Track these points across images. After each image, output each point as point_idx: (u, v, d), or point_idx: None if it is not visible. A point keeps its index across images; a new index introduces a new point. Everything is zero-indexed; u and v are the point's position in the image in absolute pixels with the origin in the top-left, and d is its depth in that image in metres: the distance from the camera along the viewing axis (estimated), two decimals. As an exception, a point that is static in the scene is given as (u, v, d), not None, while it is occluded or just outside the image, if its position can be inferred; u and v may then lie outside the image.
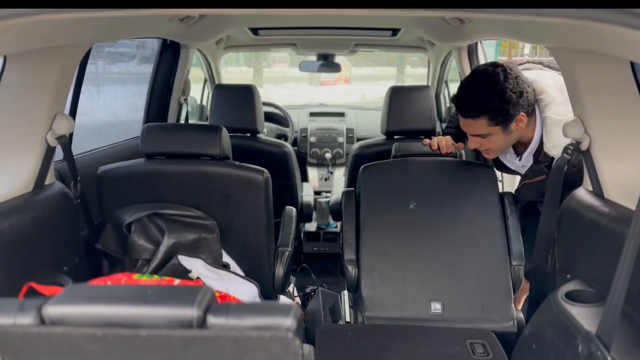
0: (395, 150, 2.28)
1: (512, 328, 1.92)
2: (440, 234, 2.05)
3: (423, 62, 6.05)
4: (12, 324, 0.80)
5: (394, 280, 2.00)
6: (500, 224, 2.06)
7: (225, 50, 3.73)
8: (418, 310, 1.96)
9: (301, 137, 4.05)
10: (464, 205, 2.09)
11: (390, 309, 1.97)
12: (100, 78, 2.91)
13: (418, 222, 2.07)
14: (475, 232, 2.05)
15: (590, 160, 1.54)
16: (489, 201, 2.09)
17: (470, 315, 1.94)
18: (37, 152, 1.56)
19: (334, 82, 7.68)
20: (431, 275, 2.00)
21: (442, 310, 1.95)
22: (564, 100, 1.79)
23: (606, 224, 1.38)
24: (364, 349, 1.77)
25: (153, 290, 0.86)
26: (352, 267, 2.04)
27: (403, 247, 2.04)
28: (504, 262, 2.00)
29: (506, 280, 1.97)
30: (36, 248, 1.51)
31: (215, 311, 0.80)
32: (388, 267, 2.02)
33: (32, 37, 1.28)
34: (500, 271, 1.99)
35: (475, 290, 1.96)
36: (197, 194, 1.84)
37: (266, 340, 0.78)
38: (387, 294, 1.99)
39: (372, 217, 2.10)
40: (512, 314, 1.94)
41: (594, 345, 1.12)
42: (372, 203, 2.13)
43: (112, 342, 0.80)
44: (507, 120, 1.84)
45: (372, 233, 2.08)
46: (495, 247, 2.02)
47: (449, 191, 2.12)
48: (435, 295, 1.97)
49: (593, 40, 1.24)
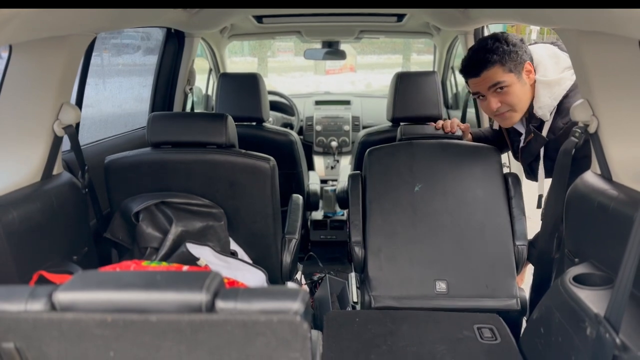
0: (401, 133, 2.31)
1: (516, 306, 1.96)
2: (445, 215, 2.09)
3: (429, 49, 5.99)
4: (23, 310, 0.81)
5: (400, 260, 2.05)
6: (504, 205, 2.09)
7: (229, 39, 3.72)
8: (423, 289, 2.00)
9: (307, 125, 4.04)
10: (468, 186, 2.12)
11: (397, 288, 2.02)
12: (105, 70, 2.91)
13: (423, 204, 2.11)
14: (479, 213, 2.08)
15: (599, 143, 1.53)
16: (493, 182, 2.12)
17: (474, 294, 1.98)
18: (44, 142, 1.57)
19: (339, 70, 7.63)
20: (436, 255, 2.04)
21: (447, 289, 2.00)
22: (552, 64, 1.86)
23: (615, 207, 1.37)
24: (372, 335, 1.78)
25: (162, 276, 0.86)
26: (359, 248, 2.09)
27: (409, 229, 2.08)
28: (508, 242, 2.04)
29: (510, 260, 2.02)
30: (45, 237, 1.52)
31: (224, 296, 0.80)
32: (394, 248, 2.07)
33: (36, 27, 1.28)
34: (504, 251, 2.03)
35: (480, 269, 2.01)
36: (203, 183, 1.85)
37: (274, 324, 0.79)
38: (393, 274, 2.04)
39: (379, 199, 2.14)
40: (516, 292, 1.99)
41: (602, 328, 1.12)
42: (378, 185, 2.16)
43: (122, 327, 0.81)
44: (518, 66, 1.87)
45: (378, 215, 2.12)
46: (499, 228, 2.06)
47: (454, 173, 2.15)
48: (440, 275, 2.02)
49: (602, 21, 1.22)
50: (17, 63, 1.49)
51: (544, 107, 1.86)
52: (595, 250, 1.49)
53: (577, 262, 1.57)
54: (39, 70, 1.51)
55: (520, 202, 2.12)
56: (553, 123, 1.87)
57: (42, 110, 1.54)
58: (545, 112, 1.86)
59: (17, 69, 1.50)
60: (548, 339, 1.50)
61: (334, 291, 2.53)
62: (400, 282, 2.03)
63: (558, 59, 1.87)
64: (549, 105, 1.84)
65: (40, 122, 1.55)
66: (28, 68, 1.51)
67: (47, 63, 1.51)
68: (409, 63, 7.26)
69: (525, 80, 1.88)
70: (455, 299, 1.99)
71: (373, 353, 1.67)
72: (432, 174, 2.15)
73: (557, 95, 1.83)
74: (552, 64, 1.86)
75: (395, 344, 1.73)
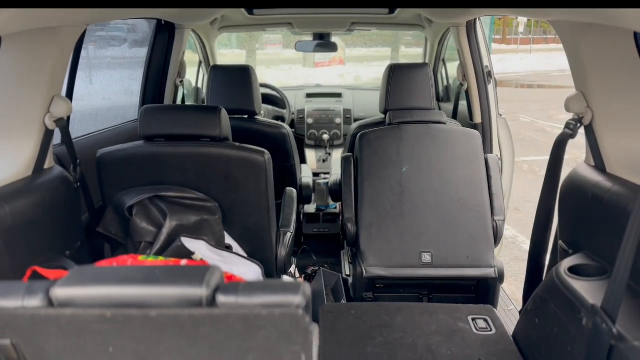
0: (389, 118, 2.47)
1: (493, 274, 2.19)
2: (431, 193, 2.29)
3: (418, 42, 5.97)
4: (20, 306, 0.80)
5: (389, 234, 2.25)
6: (484, 184, 2.31)
7: (220, 31, 3.68)
8: (410, 260, 2.21)
9: (298, 118, 4.02)
10: (451, 166, 2.32)
11: (386, 259, 2.21)
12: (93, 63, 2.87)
13: (411, 183, 2.31)
14: (461, 191, 2.29)
15: (593, 135, 1.53)
16: (475, 163, 2.33)
17: (456, 264, 2.19)
18: (35, 135, 1.54)
19: (328, 63, 7.56)
20: (422, 229, 2.24)
21: (432, 259, 2.21)
22: None
23: (609, 199, 1.38)
24: (368, 327, 1.79)
25: (161, 271, 0.85)
26: (351, 224, 2.29)
27: (397, 205, 2.28)
28: (487, 217, 2.26)
29: (488, 233, 2.25)
30: (38, 232, 1.50)
31: (225, 290, 0.80)
32: (384, 223, 2.26)
33: (28, 18, 1.26)
34: (484, 225, 2.25)
35: (461, 242, 2.22)
36: (197, 176, 1.83)
37: (276, 318, 0.79)
38: (384, 247, 2.23)
39: (370, 179, 2.33)
40: (493, 262, 2.20)
41: (599, 318, 1.13)
42: (369, 166, 2.35)
43: (122, 322, 0.80)
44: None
45: (369, 193, 2.31)
46: (479, 204, 2.27)
47: (439, 154, 2.34)
48: (426, 247, 2.23)
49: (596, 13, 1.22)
50: (7, 55, 1.46)
51: None
52: (589, 241, 1.50)
53: (571, 253, 1.58)
54: (30, 62, 1.48)
55: (498, 182, 2.34)
56: None
57: (33, 103, 1.51)
58: None
59: (8, 61, 1.47)
60: (543, 330, 1.51)
61: (328, 284, 2.54)
62: (389, 254, 2.21)
63: None
64: None
65: (31, 115, 1.52)
66: (19, 60, 1.48)
67: (38, 55, 1.48)
68: (398, 56, 7.25)
69: None
70: (439, 268, 2.19)
71: (369, 345, 1.68)
72: (418, 155, 2.34)
73: None
74: None
75: (391, 336, 1.73)
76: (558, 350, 1.40)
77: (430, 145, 2.36)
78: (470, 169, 2.31)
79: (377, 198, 2.29)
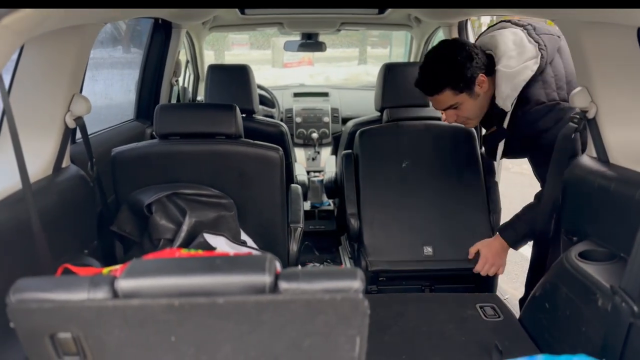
0: (387, 115, 2.53)
1: None
2: (430, 189, 2.36)
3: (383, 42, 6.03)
4: (86, 298, 0.82)
5: (392, 229, 2.31)
6: (481, 180, 2.38)
7: (210, 31, 3.69)
8: (413, 254, 2.27)
9: (286, 117, 4.06)
10: (449, 163, 2.39)
11: (389, 253, 2.27)
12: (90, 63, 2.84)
13: (410, 179, 2.37)
14: (460, 187, 2.36)
15: (596, 128, 1.61)
16: (472, 160, 2.40)
17: (456, 257, 2.25)
18: (56, 134, 1.54)
19: (297, 63, 7.46)
20: (423, 224, 2.31)
21: (433, 252, 2.27)
22: (516, 55, 1.88)
23: (615, 187, 1.46)
24: (381, 317, 1.84)
25: (222, 260, 0.88)
26: (354, 220, 2.34)
27: (398, 201, 2.34)
28: (485, 212, 2.33)
29: (487, 228, 2.31)
30: (61, 231, 1.50)
31: (286, 277, 0.83)
32: (386, 218, 2.33)
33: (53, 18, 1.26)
34: (482, 219, 2.32)
35: (461, 235, 2.28)
36: (212, 173, 1.85)
37: (337, 302, 0.82)
38: (386, 241, 2.29)
39: (370, 175, 2.39)
40: None
41: (618, 298, 1.20)
42: (369, 163, 2.41)
43: (189, 310, 0.82)
44: (469, 84, 1.91)
45: (370, 189, 2.38)
46: (477, 199, 2.35)
47: (437, 151, 2.41)
48: (427, 241, 2.29)
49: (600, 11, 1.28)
50: (29, 55, 1.46)
51: (505, 98, 1.88)
52: (595, 229, 1.57)
53: (575, 240, 1.66)
54: (51, 61, 1.48)
55: (494, 178, 2.41)
56: (513, 112, 1.91)
57: (55, 102, 1.51)
58: (506, 103, 1.89)
59: (30, 61, 1.46)
60: (554, 314, 1.58)
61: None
62: (392, 248, 2.28)
63: (523, 49, 1.87)
64: (510, 97, 1.87)
65: (52, 114, 1.52)
66: (40, 60, 1.47)
67: (59, 54, 1.48)
68: (365, 56, 7.33)
69: (478, 92, 1.93)
70: (441, 262, 2.25)
71: (386, 334, 1.73)
72: (417, 151, 2.40)
73: (517, 86, 1.85)
74: (516, 55, 1.87)
75: (405, 325, 1.79)
76: (571, 331, 1.47)
77: (428, 141, 2.43)
78: (467, 166, 2.39)
79: (379, 194, 2.35)
